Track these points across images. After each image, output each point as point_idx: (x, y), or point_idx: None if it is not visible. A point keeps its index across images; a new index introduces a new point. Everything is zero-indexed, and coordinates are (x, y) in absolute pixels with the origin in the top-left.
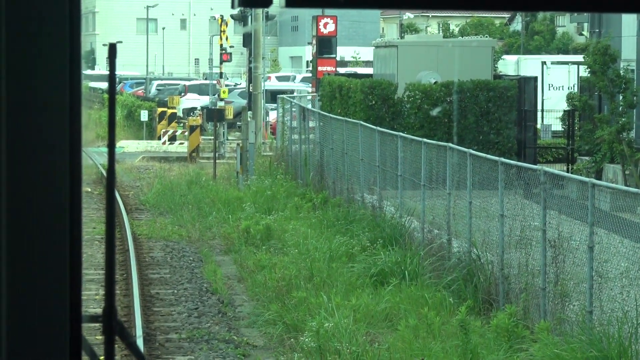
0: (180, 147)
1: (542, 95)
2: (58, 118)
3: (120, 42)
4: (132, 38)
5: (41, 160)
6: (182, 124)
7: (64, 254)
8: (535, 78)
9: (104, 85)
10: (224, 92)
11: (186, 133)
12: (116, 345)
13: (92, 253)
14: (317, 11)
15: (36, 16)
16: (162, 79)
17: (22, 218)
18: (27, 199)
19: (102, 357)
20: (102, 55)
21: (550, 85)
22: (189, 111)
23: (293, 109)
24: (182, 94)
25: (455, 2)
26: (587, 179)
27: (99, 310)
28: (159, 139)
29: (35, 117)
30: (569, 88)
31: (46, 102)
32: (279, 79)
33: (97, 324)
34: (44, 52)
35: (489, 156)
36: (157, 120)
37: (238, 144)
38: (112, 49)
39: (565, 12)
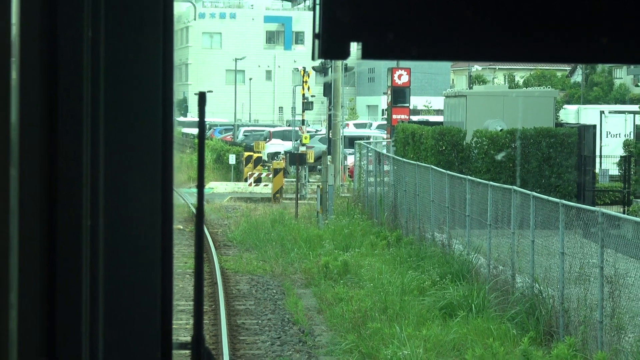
0: (265, 189)
1: (601, 142)
2: (152, 161)
3: (211, 91)
4: (221, 88)
5: (136, 200)
6: (266, 167)
7: (157, 286)
8: (594, 126)
9: (195, 131)
10: (305, 137)
11: (270, 175)
12: None
13: (183, 285)
14: (392, 63)
15: (132, 67)
16: (248, 126)
17: (119, 252)
18: (123, 235)
19: None
20: (193, 103)
21: (608, 133)
22: (273, 155)
23: (369, 154)
24: (267, 139)
25: (517, 55)
26: None
27: (189, 338)
28: (246, 180)
29: (130, 159)
30: (625, 135)
31: (141, 146)
32: (357, 126)
33: (186, 351)
34: (139, 100)
35: (550, 198)
36: (244, 163)
37: (318, 186)
38: (202, 97)
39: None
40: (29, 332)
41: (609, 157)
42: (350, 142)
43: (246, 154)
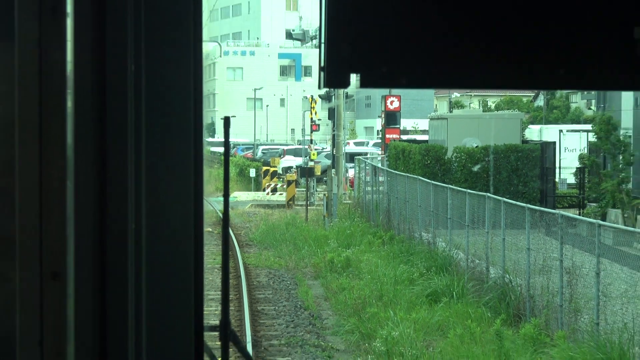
0: (280, 197)
1: (560, 156)
2: (185, 174)
3: (234, 116)
4: (243, 113)
5: (172, 207)
6: (281, 179)
7: (190, 279)
8: (554, 142)
9: (222, 149)
10: (313, 154)
11: (285, 186)
12: (230, 349)
13: (212, 278)
14: (385, 91)
15: (168, 95)
16: (266, 145)
17: (158, 251)
18: (161, 236)
19: (219, 359)
20: (220, 126)
21: (566, 148)
22: (287, 169)
23: (367, 167)
24: (282, 156)
25: (489, 83)
26: (594, 221)
27: (217, 322)
28: (264, 190)
29: (167, 173)
30: (580, 150)
31: (176, 161)
32: (356, 144)
33: (215, 333)
34: (175, 123)
35: (518, 203)
36: (262, 176)
37: (324, 194)
38: (227, 121)
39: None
40: (84, 314)
41: (566, 168)
42: (351, 157)
43: (264, 168)
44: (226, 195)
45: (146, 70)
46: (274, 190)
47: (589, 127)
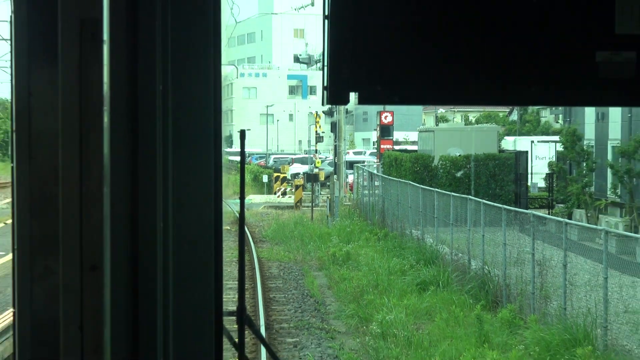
0: (289, 199)
1: (531, 163)
2: (206, 179)
3: (249, 129)
4: (257, 127)
5: (195, 208)
6: (290, 184)
7: (211, 270)
8: (527, 152)
9: (238, 158)
10: (318, 162)
11: (293, 190)
12: (245, 332)
13: (230, 270)
14: (380, 108)
15: (191, 111)
16: (276, 154)
17: (183, 246)
18: (186, 234)
19: (237, 340)
20: (236, 138)
21: (537, 157)
22: (295, 175)
23: (364, 174)
24: (290, 163)
25: (469, 101)
26: (562, 219)
27: (234, 308)
28: (275, 193)
29: (191, 178)
30: (549, 158)
31: (199, 168)
32: (355, 153)
33: (233, 318)
34: (197, 136)
35: (495, 204)
36: (274, 181)
37: (327, 197)
38: (243, 134)
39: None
40: (118, 301)
41: (537, 174)
42: (350, 165)
43: (275, 174)
44: (242, 198)
45: (172, 89)
46: (284, 194)
47: (556, 138)
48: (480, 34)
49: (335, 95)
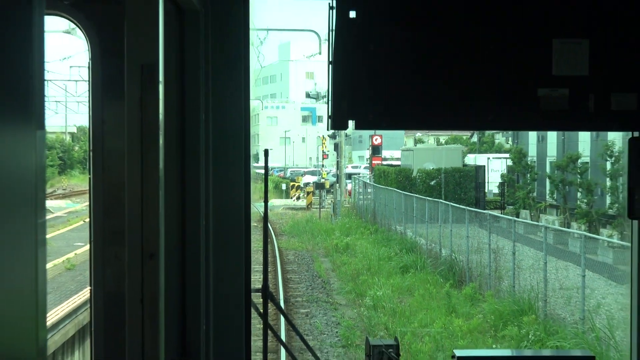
0: (302, 203)
1: (488, 175)
2: (239, 187)
3: (271, 149)
4: (277, 147)
5: (230, 209)
6: (303, 191)
7: (242, 256)
8: (484, 166)
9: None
10: (324, 174)
11: (305, 195)
12: (268, 304)
13: (257, 257)
14: (371, 132)
15: (227, 136)
16: (292, 168)
17: (221, 239)
18: (223, 229)
19: (261, 310)
20: (262, 156)
21: (492, 169)
22: (307, 184)
23: (359, 183)
24: (303, 175)
25: (444, 126)
26: (511, 218)
27: (260, 286)
28: (291, 198)
29: (227, 186)
30: (501, 171)
31: (233, 179)
32: (352, 167)
33: (258, 293)
34: (232, 153)
35: (460, 206)
36: (290, 188)
37: (331, 201)
38: (266, 152)
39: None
40: (170, 281)
41: (492, 182)
42: (349, 176)
43: (291, 183)
44: (266, 201)
45: (212, 118)
46: (298, 198)
47: (507, 155)
48: (448, 78)
49: (337, 122)
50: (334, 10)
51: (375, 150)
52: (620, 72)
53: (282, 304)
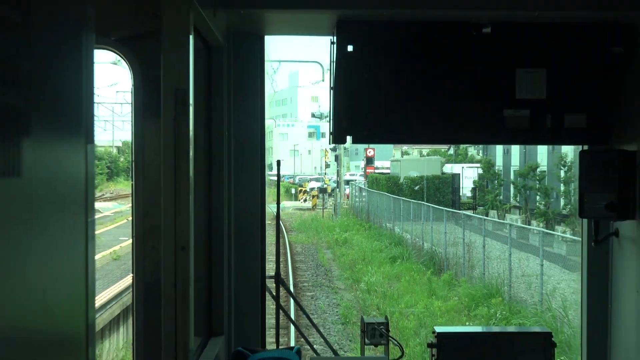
0: (308, 204)
1: (462, 181)
2: (255, 192)
3: (283, 160)
4: (288, 158)
5: (248, 210)
6: (309, 194)
7: (258, 249)
8: (459, 174)
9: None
10: (327, 181)
11: (311, 198)
12: (280, 289)
13: (270, 249)
14: (366, 145)
15: (247, 149)
16: (300, 175)
17: (241, 233)
18: (243, 226)
19: (274, 293)
20: (275, 165)
21: (465, 177)
22: (312, 188)
23: (356, 188)
24: (309, 181)
25: (426, 140)
26: (481, 217)
27: (273, 274)
28: (299, 200)
29: (247, 191)
30: (473, 178)
31: (250, 184)
32: (350, 175)
33: (272, 279)
34: (249, 164)
35: (439, 207)
36: (298, 192)
37: (333, 203)
38: (278, 162)
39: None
40: (198, 270)
41: (466, 187)
42: (347, 182)
43: (299, 188)
44: (278, 203)
45: (234, 134)
46: (305, 200)
47: (478, 165)
48: (429, 101)
49: (337, 137)
50: (335, 45)
51: (369, 160)
52: (572, 96)
53: (291, 288)
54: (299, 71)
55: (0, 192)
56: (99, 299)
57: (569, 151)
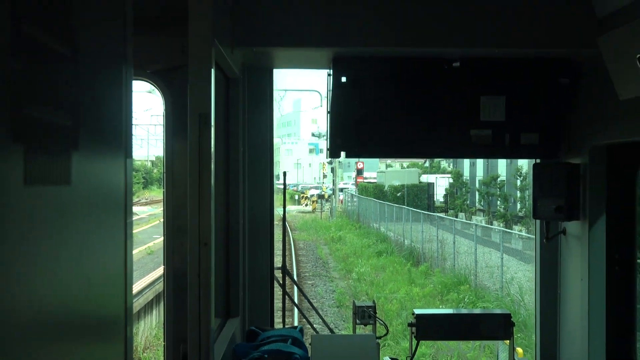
0: (309, 208)
1: (436, 188)
2: (265, 197)
3: (287, 171)
4: (292, 170)
5: (259, 212)
6: (309, 200)
7: (267, 244)
8: (433, 183)
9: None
10: (324, 189)
11: (311, 203)
12: (286, 278)
13: (278, 245)
14: (356, 159)
15: (259, 163)
16: (302, 184)
17: (253, 232)
18: (255, 226)
19: (281, 282)
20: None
21: (439, 185)
22: (312, 195)
23: (348, 194)
24: (309, 189)
25: (406, 155)
26: (452, 218)
27: (279, 265)
28: (301, 205)
29: (257, 196)
30: (445, 186)
31: (260, 191)
32: (344, 184)
33: (279, 270)
34: (260, 175)
35: (417, 210)
36: (301, 198)
37: (329, 207)
38: (284, 173)
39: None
40: (218, 262)
41: (439, 194)
42: (341, 190)
43: (302, 194)
44: (284, 207)
45: (248, 150)
46: (306, 205)
47: (449, 175)
48: (409, 122)
49: (333, 153)
50: (331, 77)
51: (359, 171)
52: (527, 119)
53: (295, 277)
54: (301, 98)
55: (53, 198)
56: (136, 287)
57: (524, 164)
